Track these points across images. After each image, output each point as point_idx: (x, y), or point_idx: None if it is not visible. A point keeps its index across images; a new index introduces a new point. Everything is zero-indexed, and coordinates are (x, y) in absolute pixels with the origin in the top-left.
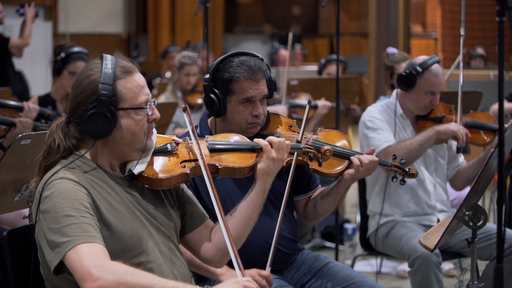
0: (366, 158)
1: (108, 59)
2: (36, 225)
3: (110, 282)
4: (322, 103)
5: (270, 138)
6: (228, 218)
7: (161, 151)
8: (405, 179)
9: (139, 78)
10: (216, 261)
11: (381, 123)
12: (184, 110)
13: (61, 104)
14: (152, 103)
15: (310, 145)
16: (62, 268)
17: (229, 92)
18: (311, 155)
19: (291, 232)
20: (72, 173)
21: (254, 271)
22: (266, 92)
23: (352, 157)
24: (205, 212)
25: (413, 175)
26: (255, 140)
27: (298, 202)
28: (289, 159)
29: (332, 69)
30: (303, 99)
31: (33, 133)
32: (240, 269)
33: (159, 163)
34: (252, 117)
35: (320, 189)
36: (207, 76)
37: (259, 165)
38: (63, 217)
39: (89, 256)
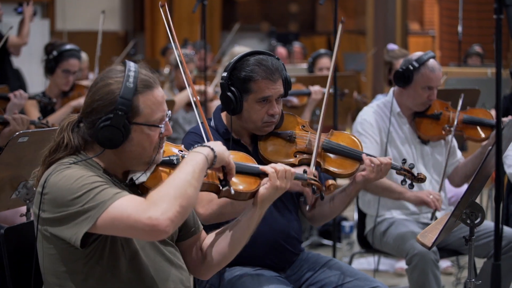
0: (376, 159)
1: (132, 70)
2: (38, 216)
3: (170, 206)
4: (315, 88)
5: (275, 166)
6: (220, 235)
7: (166, 163)
8: (414, 183)
9: (158, 94)
10: (201, 274)
11: (370, 129)
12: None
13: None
14: (167, 119)
15: (315, 177)
16: (87, 240)
17: (246, 91)
18: (315, 187)
19: (298, 232)
20: (80, 166)
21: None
22: (282, 91)
23: (363, 156)
24: (199, 223)
25: (422, 180)
26: (261, 167)
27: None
28: (304, 157)
29: (322, 62)
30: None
31: (30, 130)
32: None
33: (162, 176)
34: (268, 116)
35: None
36: (224, 74)
37: (261, 191)
38: (84, 194)
39: (133, 204)
